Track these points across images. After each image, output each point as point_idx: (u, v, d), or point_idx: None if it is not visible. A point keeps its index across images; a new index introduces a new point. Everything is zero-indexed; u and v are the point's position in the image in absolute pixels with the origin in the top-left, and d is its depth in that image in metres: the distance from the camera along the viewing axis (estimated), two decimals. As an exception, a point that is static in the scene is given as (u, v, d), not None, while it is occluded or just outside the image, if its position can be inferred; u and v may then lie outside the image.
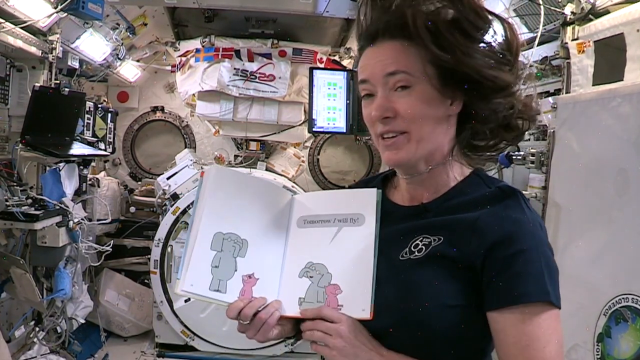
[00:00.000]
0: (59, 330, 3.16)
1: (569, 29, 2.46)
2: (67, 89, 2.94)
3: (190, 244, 0.98)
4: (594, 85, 2.31)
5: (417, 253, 0.95)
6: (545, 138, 2.57)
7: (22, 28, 2.48)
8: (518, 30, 0.99)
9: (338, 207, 1.04)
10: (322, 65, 3.94)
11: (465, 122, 1.01)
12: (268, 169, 4.26)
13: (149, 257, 3.63)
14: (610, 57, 2.22)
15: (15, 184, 2.64)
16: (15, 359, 2.84)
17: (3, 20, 2.32)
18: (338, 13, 3.28)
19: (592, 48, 2.33)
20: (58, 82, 2.95)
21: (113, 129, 3.92)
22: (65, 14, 2.64)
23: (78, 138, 3.29)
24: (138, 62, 4.15)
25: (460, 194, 0.99)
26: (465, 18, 0.93)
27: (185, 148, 4.48)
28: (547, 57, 2.67)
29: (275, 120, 3.99)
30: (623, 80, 2.09)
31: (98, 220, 3.72)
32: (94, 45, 3.29)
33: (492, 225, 0.91)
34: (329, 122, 3.69)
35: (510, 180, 2.98)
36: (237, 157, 4.39)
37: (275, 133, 4.12)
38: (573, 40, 2.43)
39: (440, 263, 0.92)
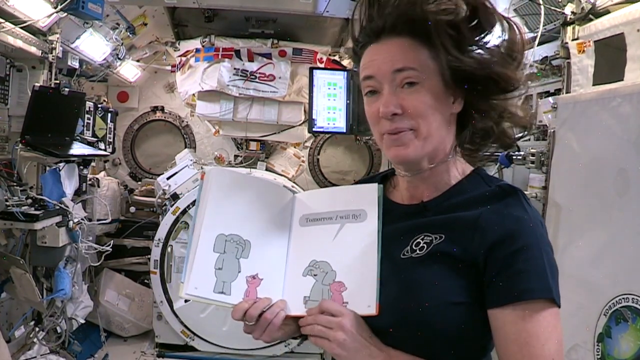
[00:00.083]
0: (59, 330, 3.16)
1: (569, 29, 2.45)
2: (67, 89, 2.94)
3: (193, 247, 0.97)
4: (594, 85, 2.31)
5: (418, 251, 0.95)
6: (546, 138, 2.57)
7: (22, 28, 2.48)
8: (523, 30, 0.99)
9: (339, 203, 1.03)
10: (322, 65, 3.93)
11: (464, 121, 1.02)
12: (268, 169, 4.26)
13: (149, 257, 3.63)
14: (611, 57, 2.21)
15: (15, 184, 2.63)
16: (15, 359, 2.84)
17: (3, 20, 2.32)
18: (338, 13, 3.28)
19: (592, 48, 2.33)
20: (58, 82, 2.95)
21: (113, 129, 3.92)
22: (65, 14, 2.64)
23: (78, 138, 3.29)
24: (138, 62, 4.15)
25: (461, 193, 0.99)
26: (472, 16, 0.93)
27: (185, 148, 4.48)
28: (547, 57, 2.66)
29: (275, 120, 3.99)
30: (623, 80, 2.08)
31: (98, 220, 3.72)
32: (94, 45, 3.29)
33: (493, 223, 0.91)
34: (329, 122, 3.69)
35: (511, 180, 2.97)
36: (237, 157, 4.38)
37: (275, 133, 4.12)
38: (573, 40, 2.43)
39: (443, 261, 0.92)
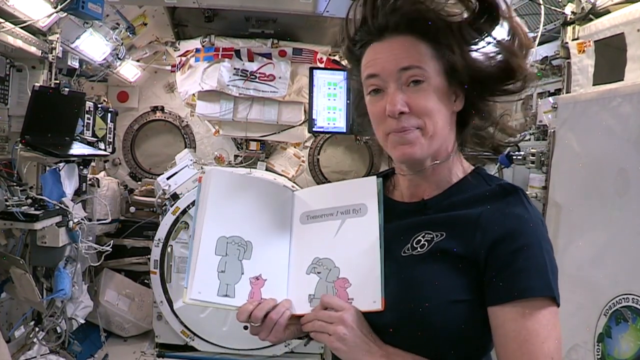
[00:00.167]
0: (59, 331, 3.16)
1: (569, 29, 2.46)
2: (67, 89, 2.94)
3: (194, 251, 0.97)
4: (595, 85, 2.31)
5: (419, 249, 0.95)
6: (546, 138, 2.57)
7: (22, 28, 2.47)
8: (526, 30, 0.99)
9: (339, 199, 1.03)
10: (322, 65, 3.93)
11: (463, 120, 1.02)
12: (268, 169, 4.26)
13: (149, 257, 3.63)
14: (611, 57, 2.22)
15: (15, 184, 2.63)
16: (15, 359, 2.84)
17: (3, 20, 2.32)
18: (338, 13, 3.28)
19: (592, 48, 2.33)
20: (58, 82, 2.95)
21: (113, 129, 3.91)
22: (65, 14, 2.63)
23: (78, 138, 3.29)
24: (138, 62, 4.15)
25: (461, 191, 0.99)
26: (476, 16, 0.93)
27: (185, 148, 4.48)
28: (547, 57, 2.66)
29: (275, 120, 3.98)
30: (623, 80, 2.08)
31: (98, 220, 3.72)
32: (94, 45, 3.29)
33: (494, 222, 0.91)
34: (329, 122, 3.69)
35: (511, 180, 2.95)
36: (237, 157, 4.38)
37: (275, 133, 4.12)
38: (573, 40, 2.43)
39: (444, 258, 0.92)
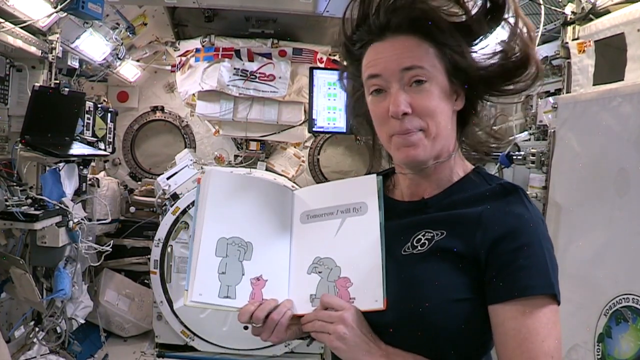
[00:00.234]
0: (59, 331, 3.16)
1: (570, 29, 2.45)
2: (66, 89, 2.94)
3: (195, 253, 0.96)
4: (595, 85, 2.31)
5: (420, 248, 0.94)
6: (546, 138, 2.57)
7: (21, 28, 2.47)
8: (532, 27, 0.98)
9: (339, 198, 1.03)
10: (322, 65, 3.93)
11: (463, 119, 1.02)
12: (268, 169, 4.26)
13: (149, 257, 3.62)
14: (611, 57, 2.21)
15: (15, 184, 2.63)
16: (15, 359, 2.84)
17: (3, 20, 2.32)
18: (338, 13, 3.23)
19: (592, 48, 2.33)
20: (58, 82, 2.95)
21: (113, 129, 3.91)
22: (65, 14, 2.63)
23: (78, 138, 3.29)
24: (138, 62, 4.15)
25: (462, 190, 0.99)
26: (479, 16, 0.93)
27: (185, 148, 4.48)
28: (547, 56, 2.66)
29: (275, 120, 3.98)
30: (623, 80, 2.08)
31: (98, 220, 3.72)
32: (94, 45, 3.29)
33: (495, 220, 0.91)
34: (329, 122, 3.69)
35: (511, 180, 2.97)
36: (237, 157, 4.37)
37: (275, 133, 4.11)
38: (573, 40, 2.43)
39: (444, 257, 0.92)
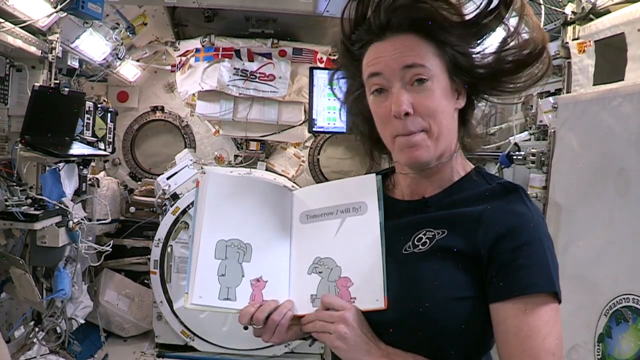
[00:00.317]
0: (59, 331, 3.15)
1: (570, 29, 2.45)
2: (66, 89, 2.94)
3: (194, 256, 0.97)
4: (595, 85, 2.31)
5: (421, 247, 0.94)
6: (546, 138, 2.57)
7: (21, 28, 2.47)
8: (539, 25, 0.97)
9: (339, 197, 1.02)
10: (322, 65, 3.92)
11: (462, 119, 1.02)
12: (268, 169, 4.25)
13: (149, 257, 3.62)
14: (611, 56, 2.21)
15: (15, 184, 2.63)
16: (15, 359, 2.84)
17: (3, 20, 2.32)
18: (338, 13, 3.20)
19: (592, 48, 2.33)
20: (58, 81, 2.95)
21: (113, 129, 3.91)
22: (65, 14, 2.63)
23: (78, 138, 3.29)
24: (138, 61, 4.14)
25: (462, 190, 0.99)
26: (480, 15, 0.93)
27: (185, 148, 4.48)
28: (547, 56, 2.66)
29: (275, 120, 3.98)
30: (624, 80, 2.08)
31: (98, 220, 3.71)
32: (94, 45, 3.28)
33: (496, 219, 0.91)
34: (329, 122, 3.69)
35: (511, 180, 2.97)
36: (237, 157, 4.37)
37: (275, 133, 4.11)
38: (574, 40, 2.43)
39: (446, 256, 0.92)
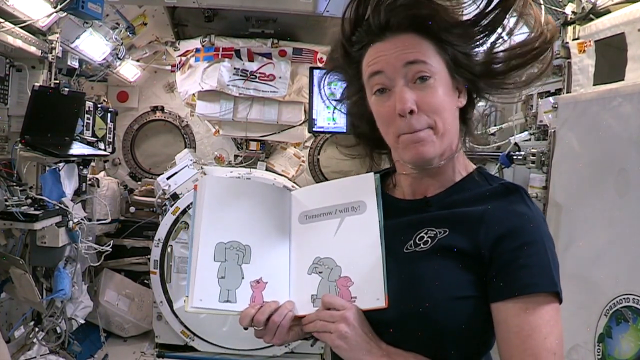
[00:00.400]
0: (59, 331, 3.15)
1: (570, 29, 2.46)
2: (66, 89, 2.94)
3: (193, 259, 0.97)
4: (595, 85, 2.31)
5: (422, 245, 0.94)
6: (546, 138, 2.57)
7: (21, 28, 2.47)
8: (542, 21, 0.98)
9: (337, 197, 1.02)
10: (322, 65, 3.93)
11: (462, 118, 1.02)
12: (268, 169, 4.26)
13: (149, 257, 3.62)
14: (611, 56, 2.21)
15: (15, 184, 2.63)
16: (15, 359, 2.84)
17: (2, 20, 2.32)
18: (338, 13, 3.23)
19: (592, 48, 2.33)
20: (57, 81, 2.95)
21: (113, 129, 3.91)
22: (65, 14, 2.63)
23: (78, 138, 3.29)
24: (138, 61, 4.14)
25: (463, 190, 0.99)
26: (480, 16, 0.93)
27: (185, 148, 4.47)
28: (547, 56, 2.66)
29: (275, 120, 3.98)
30: (624, 80, 2.08)
31: (98, 220, 3.71)
32: (94, 45, 3.28)
33: (498, 219, 0.91)
34: (329, 122, 3.69)
35: (511, 180, 2.97)
36: (237, 157, 4.37)
37: (275, 133, 4.11)
38: (574, 40, 2.43)
39: (448, 255, 0.92)
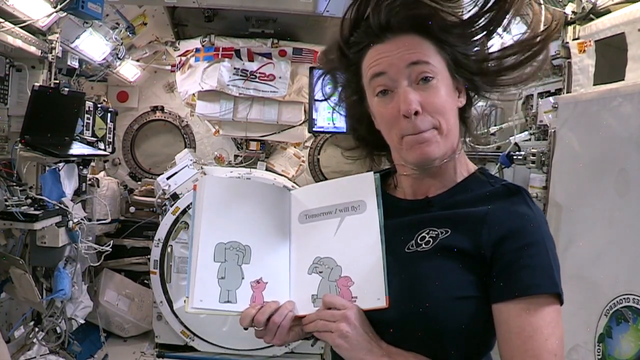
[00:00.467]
0: (59, 331, 3.15)
1: (570, 29, 2.45)
2: (66, 89, 2.94)
3: (193, 260, 0.96)
4: (595, 85, 2.31)
5: (424, 245, 0.94)
6: (546, 138, 2.57)
7: (21, 27, 2.47)
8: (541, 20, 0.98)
9: (337, 196, 1.02)
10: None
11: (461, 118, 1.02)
12: (268, 169, 4.26)
13: (149, 257, 3.62)
14: (611, 56, 2.21)
15: (15, 184, 2.63)
16: (15, 359, 2.84)
17: (2, 20, 2.32)
18: (338, 13, 3.27)
19: (593, 48, 2.32)
20: (57, 81, 2.94)
21: (113, 129, 3.91)
22: (65, 14, 2.63)
23: (77, 138, 3.28)
24: (138, 61, 4.14)
25: (465, 191, 0.99)
26: (477, 15, 0.93)
27: (185, 148, 4.47)
28: (547, 56, 2.66)
29: (275, 120, 3.98)
30: (624, 80, 2.08)
31: (98, 220, 3.71)
32: (94, 45, 3.28)
33: (500, 219, 0.91)
34: (329, 122, 3.69)
35: (511, 180, 2.96)
36: (237, 157, 4.38)
37: (275, 133, 4.11)
38: (574, 40, 2.43)
39: (449, 255, 0.91)
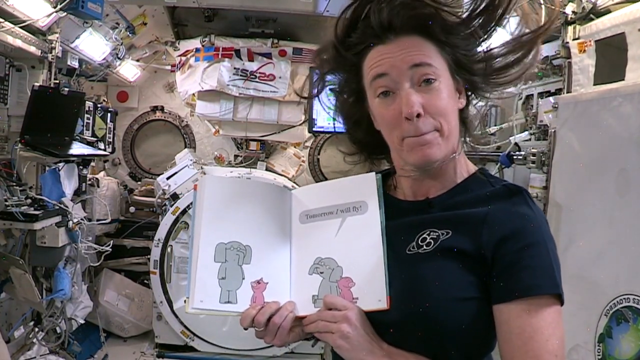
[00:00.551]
0: (59, 331, 3.15)
1: (570, 29, 2.45)
2: (66, 89, 2.93)
3: (194, 260, 0.96)
4: (595, 85, 2.31)
5: (425, 247, 0.94)
6: (546, 138, 2.57)
7: (21, 27, 2.47)
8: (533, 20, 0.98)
9: (338, 197, 1.02)
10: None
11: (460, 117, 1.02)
12: (268, 169, 4.26)
13: (149, 257, 3.61)
14: (611, 56, 2.21)
15: (15, 184, 2.63)
16: (15, 359, 2.84)
17: (2, 20, 2.31)
18: (338, 13, 3.27)
19: (593, 47, 2.32)
20: (57, 81, 2.94)
21: (113, 129, 3.91)
22: (65, 14, 2.63)
23: (77, 138, 3.28)
24: (138, 61, 4.14)
25: (465, 191, 0.99)
26: (472, 14, 0.93)
27: (185, 148, 4.47)
28: (548, 56, 2.66)
29: (275, 120, 3.98)
30: (624, 80, 2.08)
31: (98, 220, 3.71)
32: (94, 45, 3.28)
33: (501, 220, 0.91)
34: (329, 121, 3.69)
35: (511, 180, 2.96)
36: (237, 157, 4.37)
37: (275, 133, 4.11)
38: (574, 40, 2.43)
39: (450, 256, 0.91)
